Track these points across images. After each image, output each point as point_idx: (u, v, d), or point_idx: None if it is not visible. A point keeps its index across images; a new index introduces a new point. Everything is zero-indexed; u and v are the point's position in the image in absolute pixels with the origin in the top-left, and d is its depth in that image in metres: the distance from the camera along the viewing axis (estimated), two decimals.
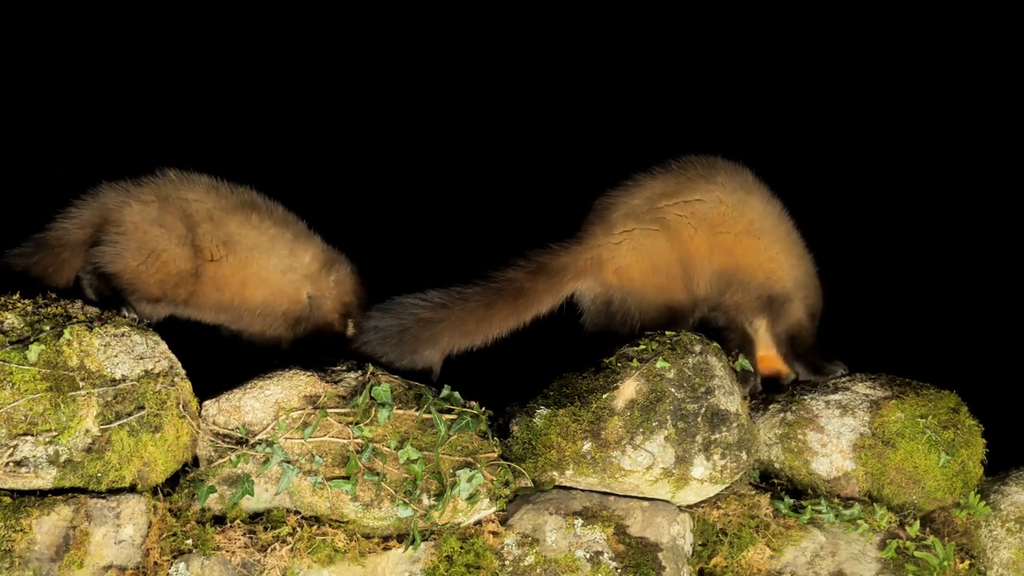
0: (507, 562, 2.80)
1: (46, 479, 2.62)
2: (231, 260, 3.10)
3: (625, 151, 4.32)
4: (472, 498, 2.80)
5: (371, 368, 2.93)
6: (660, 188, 3.15)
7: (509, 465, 2.90)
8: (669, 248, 3.11)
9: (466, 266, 3.64)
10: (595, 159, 4.39)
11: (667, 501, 2.91)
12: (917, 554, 2.91)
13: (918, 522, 2.99)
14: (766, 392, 3.23)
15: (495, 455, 2.90)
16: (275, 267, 3.16)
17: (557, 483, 2.91)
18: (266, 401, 2.81)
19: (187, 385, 2.79)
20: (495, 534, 2.82)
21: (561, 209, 3.61)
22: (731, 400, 2.88)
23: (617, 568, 2.80)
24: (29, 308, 2.75)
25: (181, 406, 2.75)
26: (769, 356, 3.32)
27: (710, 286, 3.16)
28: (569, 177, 4.33)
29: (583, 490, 2.90)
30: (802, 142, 4.46)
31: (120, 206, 3.05)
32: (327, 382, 2.87)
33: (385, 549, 2.77)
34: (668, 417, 2.83)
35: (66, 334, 2.68)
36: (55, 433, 2.61)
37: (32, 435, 2.61)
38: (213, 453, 2.78)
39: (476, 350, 3.20)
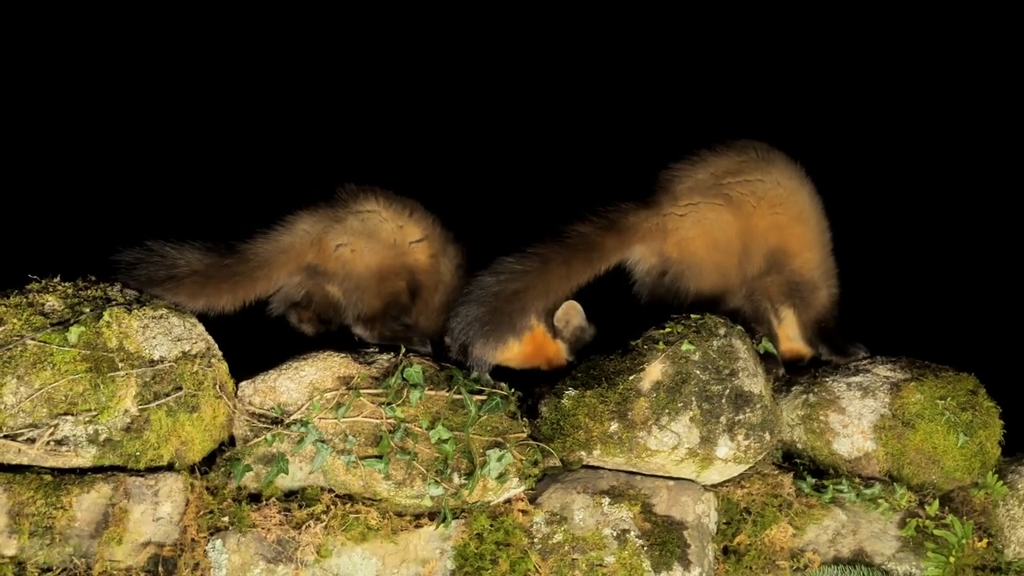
0: (536, 539, 2.75)
1: (86, 458, 2.58)
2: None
3: (626, 147, 4.23)
4: (502, 477, 2.76)
5: (403, 349, 2.85)
6: (724, 165, 3.06)
7: (538, 445, 2.85)
8: (732, 222, 3.02)
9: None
10: (596, 154, 4.28)
11: (692, 480, 2.87)
12: (936, 532, 2.86)
13: (937, 501, 2.94)
14: (789, 375, 3.13)
15: (524, 435, 2.85)
16: (447, 266, 3.11)
17: (585, 463, 2.86)
18: (301, 382, 2.76)
19: (223, 366, 2.74)
20: (524, 512, 2.78)
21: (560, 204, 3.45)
22: (755, 382, 2.81)
23: (643, 545, 2.75)
24: (70, 291, 2.71)
25: (218, 387, 2.70)
26: (791, 343, 3.23)
27: (760, 264, 3.06)
28: (570, 172, 4.24)
29: (610, 469, 2.86)
30: (814, 130, 4.28)
31: (332, 231, 2.93)
32: (360, 363, 2.82)
33: (417, 527, 2.74)
34: (693, 398, 2.76)
35: (105, 316, 2.63)
36: (95, 413, 2.57)
37: (72, 415, 2.57)
38: (249, 432, 2.73)
39: None
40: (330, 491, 2.72)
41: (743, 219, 3.06)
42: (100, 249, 3.43)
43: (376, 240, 3.00)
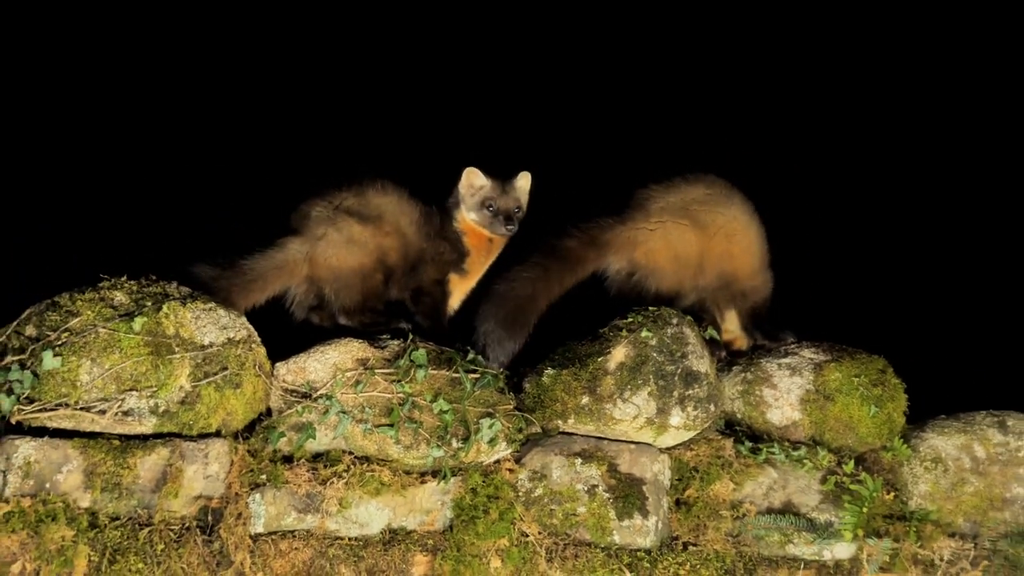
0: (520, 493, 2.87)
1: (148, 426, 2.71)
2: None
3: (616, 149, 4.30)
4: (492, 442, 2.88)
5: (411, 336, 2.98)
6: (693, 194, 3.26)
7: (522, 415, 2.97)
8: (693, 241, 3.21)
9: None
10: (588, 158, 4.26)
11: (650, 444, 2.98)
12: (852, 487, 2.97)
13: (853, 461, 3.04)
14: (729, 357, 3.28)
15: (511, 407, 2.97)
16: (410, 231, 3.30)
17: (561, 430, 2.98)
18: (326, 363, 2.89)
19: (262, 350, 2.86)
20: (511, 471, 2.90)
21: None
22: (702, 363, 2.97)
23: (610, 498, 2.87)
24: (134, 288, 2.82)
25: (257, 367, 2.83)
26: (731, 333, 3.40)
27: (711, 280, 3.25)
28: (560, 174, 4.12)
29: (582, 435, 2.98)
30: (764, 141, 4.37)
31: (318, 247, 3.13)
32: (375, 348, 2.95)
33: (422, 483, 2.85)
34: (651, 376, 2.91)
35: (164, 308, 2.77)
36: (155, 389, 2.70)
37: (137, 390, 2.69)
38: (283, 405, 2.86)
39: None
40: (350, 453, 2.84)
41: (704, 240, 3.24)
42: (100, 249, 3.35)
43: (354, 245, 3.15)
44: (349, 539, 2.79)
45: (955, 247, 4.36)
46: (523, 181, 3.33)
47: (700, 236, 3.24)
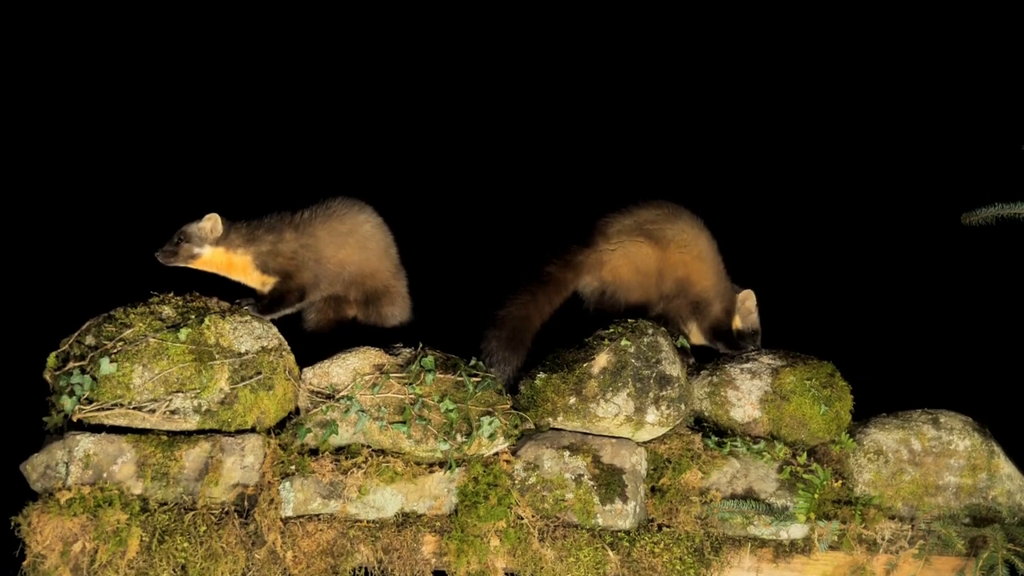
0: (516, 481, 2.97)
1: (192, 423, 2.82)
2: None
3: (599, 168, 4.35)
4: (492, 437, 2.96)
5: (420, 344, 3.05)
6: (645, 215, 3.41)
7: (518, 413, 3.06)
8: (651, 254, 3.36)
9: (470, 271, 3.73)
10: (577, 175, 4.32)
11: (628, 439, 3.07)
12: (805, 476, 3.08)
13: (805, 454, 3.14)
14: (697, 363, 3.34)
15: (508, 406, 3.05)
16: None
17: (552, 426, 3.06)
18: (347, 368, 2.97)
19: (291, 357, 2.96)
20: (508, 462, 2.98)
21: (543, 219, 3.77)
22: (674, 368, 3.06)
23: (594, 486, 2.97)
24: (180, 303, 2.93)
25: (287, 372, 2.92)
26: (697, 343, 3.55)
27: (671, 287, 3.40)
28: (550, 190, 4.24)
29: (570, 431, 3.06)
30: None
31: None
32: (390, 355, 3.03)
33: (431, 472, 2.93)
34: (629, 380, 3.00)
35: (206, 321, 2.87)
36: (198, 391, 2.81)
37: (182, 392, 2.80)
38: (309, 405, 2.94)
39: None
40: (368, 447, 2.92)
41: (660, 252, 3.36)
42: (100, 249, 3.66)
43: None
44: (367, 521, 2.90)
45: (901, 261, 4.42)
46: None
47: (655, 249, 3.36)
